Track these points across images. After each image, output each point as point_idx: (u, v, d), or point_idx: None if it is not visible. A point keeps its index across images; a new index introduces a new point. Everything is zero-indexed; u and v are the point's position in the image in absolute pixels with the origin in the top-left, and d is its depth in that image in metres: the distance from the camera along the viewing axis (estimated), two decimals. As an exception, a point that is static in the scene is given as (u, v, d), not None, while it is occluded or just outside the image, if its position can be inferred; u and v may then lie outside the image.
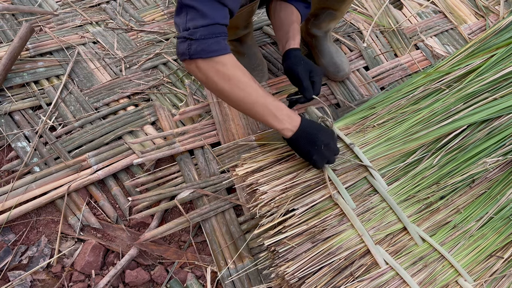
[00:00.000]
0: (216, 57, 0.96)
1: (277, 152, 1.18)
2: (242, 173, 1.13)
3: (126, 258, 1.17)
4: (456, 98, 1.29)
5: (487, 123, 1.25)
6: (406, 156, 1.19)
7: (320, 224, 1.04)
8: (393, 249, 1.04)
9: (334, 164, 1.13)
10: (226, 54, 0.97)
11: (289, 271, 0.96)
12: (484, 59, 1.39)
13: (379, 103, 1.33)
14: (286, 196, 1.08)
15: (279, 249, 1.00)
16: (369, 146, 1.20)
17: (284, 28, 1.25)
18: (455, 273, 1.02)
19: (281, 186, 1.09)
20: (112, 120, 1.46)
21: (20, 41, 1.54)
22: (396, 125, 1.25)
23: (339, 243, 1.02)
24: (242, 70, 1.00)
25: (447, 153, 1.20)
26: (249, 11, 1.30)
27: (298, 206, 1.06)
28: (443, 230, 1.09)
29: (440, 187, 1.15)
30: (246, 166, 1.14)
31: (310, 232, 1.03)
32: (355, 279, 0.97)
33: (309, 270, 0.97)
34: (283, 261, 0.99)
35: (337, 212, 1.07)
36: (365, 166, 1.15)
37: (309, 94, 1.16)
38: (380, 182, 1.13)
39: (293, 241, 1.01)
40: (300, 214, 1.05)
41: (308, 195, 1.09)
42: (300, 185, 1.10)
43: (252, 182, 1.11)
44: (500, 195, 1.15)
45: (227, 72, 0.98)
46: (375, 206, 1.10)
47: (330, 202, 1.09)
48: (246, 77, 1.01)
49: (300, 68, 1.17)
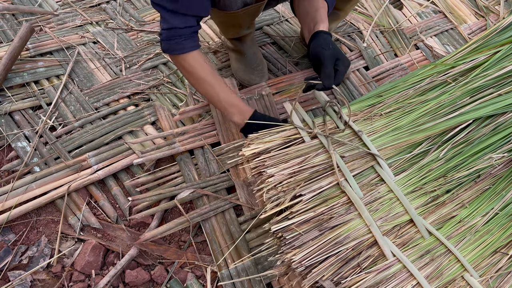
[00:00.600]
0: (178, 55, 1.16)
1: (285, 134, 1.14)
2: (248, 154, 1.08)
3: (126, 258, 1.17)
4: (462, 91, 1.28)
5: (492, 118, 1.25)
6: (413, 147, 1.18)
7: (328, 212, 1.01)
8: (400, 241, 1.02)
9: (342, 150, 1.11)
10: (186, 53, 1.15)
11: (296, 259, 0.93)
12: (489, 55, 1.39)
13: (387, 92, 1.31)
14: (294, 180, 1.04)
15: (286, 235, 0.96)
16: (377, 135, 1.18)
17: (311, 15, 1.23)
18: (461, 268, 1.01)
19: (289, 170, 1.05)
20: (112, 120, 1.46)
21: (20, 41, 1.54)
22: (403, 115, 1.23)
23: (347, 233, 0.99)
24: (202, 66, 1.18)
25: (453, 147, 1.19)
26: (255, 11, 1.30)
27: (305, 192, 1.03)
28: (449, 224, 1.07)
29: (447, 181, 1.13)
30: (253, 147, 1.09)
31: (317, 220, 1.00)
32: (362, 270, 0.95)
33: (316, 259, 0.94)
34: (290, 248, 0.96)
35: (344, 200, 1.04)
36: (373, 155, 1.12)
37: (329, 83, 1.11)
38: (388, 172, 1.11)
39: (300, 228, 0.98)
40: (307, 200, 1.02)
41: (316, 181, 1.05)
42: (308, 170, 1.06)
43: (258, 165, 1.07)
44: (505, 191, 1.14)
45: (188, 68, 1.18)
46: (382, 196, 1.07)
47: (337, 189, 1.05)
48: (204, 72, 1.18)
49: (328, 53, 1.12)
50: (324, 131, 1.13)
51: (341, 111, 1.18)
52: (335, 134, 1.15)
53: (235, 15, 1.27)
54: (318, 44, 1.15)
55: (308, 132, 1.14)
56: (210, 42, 1.74)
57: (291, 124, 1.16)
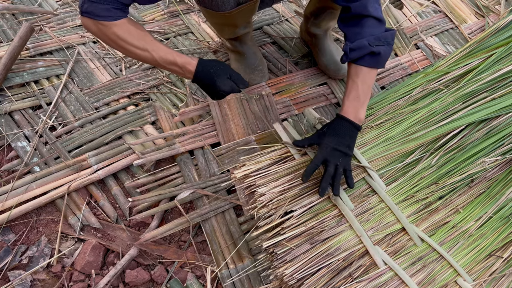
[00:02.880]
0: (102, 21, 1.03)
1: (275, 153, 1.18)
2: (240, 176, 1.13)
3: (126, 258, 1.18)
4: (455, 97, 1.29)
5: (486, 122, 1.25)
6: (405, 156, 1.20)
7: (319, 225, 1.04)
8: (392, 249, 1.04)
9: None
10: (113, 21, 1.03)
11: (287, 272, 0.96)
12: (483, 59, 1.39)
13: (377, 104, 1.33)
14: (284, 197, 1.08)
15: (277, 250, 1.00)
16: (367, 147, 1.20)
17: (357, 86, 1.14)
18: (454, 273, 1.02)
19: (279, 188, 1.09)
20: (112, 120, 1.46)
21: (20, 41, 1.54)
22: (394, 126, 1.25)
23: (338, 244, 1.02)
24: (130, 33, 1.06)
25: (445, 153, 1.20)
26: (249, 10, 1.29)
27: (296, 208, 1.06)
28: (442, 230, 1.09)
29: (439, 187, 1.15)
30: (244, 169, 1.14)
31: (308, 234, 1.03)
32: (354, 279, 0.97)
33: (308, 271, 0.97)
34: (282, 263, 0.99)
35: (335, 213, 1.07)
36: (363, 167, 1.15)
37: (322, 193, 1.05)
38: (379, 182, 1.13)
39: (291, 242, 1.01)
40: (298, 216, 1.05)
41: (306, 197, 1.08)
42: (298, 186, 1.10)
43: (250, 184, 1.11)
44: (499, 195, 1.15)
45: (111, 36, 1.06)
46: (373, 207, 1.10)
47: (328, 203, 1.09)
48: (135, 40, 1.07)
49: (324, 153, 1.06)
50: (315, 148, 1.15)
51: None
52: None
53: (229, 16, 1.25)
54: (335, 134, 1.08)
55: (298, 149, 1.17)
56: (210, 42, 1.74)
57: (281, 143, 1.19)
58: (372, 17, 1.13)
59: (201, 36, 1.77)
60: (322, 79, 1.61)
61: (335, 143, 1.07)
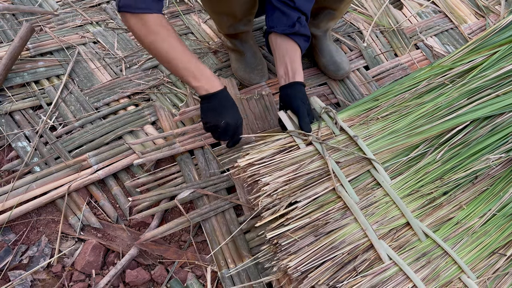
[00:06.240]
0: (141, 14, 1.04)
1: (280, 143, 1.15)
2: (244, 164, 1.10)
3: (127, 257, 1.18)
4: (460, 93, 1.28)
5: (490, 119, 1.25)
6: (410, 150, 1.18)
7: (323, 217, 1.02)
8: (397, 244, 1.02)
9: (337, 156, 1.12)
10: (151, 13, 1.05)
11: (291, 264, 0.94)
12: (487, 56, 1.39)
13: (383, 96, 1.31)
14: (289, 188, 1.05)
15: (281, 242, 0.98)
16: (373, 139, 1.18)
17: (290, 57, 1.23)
18: (458, 270, 1.01)
19: (284, 178, 1.07)
20: (112, 120, 1.46)
21: (20, 41, 1.54)
22: (399, 118, 1.23)
23: (342, 237, 1.00)
24: (167, 29, 1.08)
25: (450, 149, 1.19)
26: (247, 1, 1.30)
27: (300, 199, 1.04)
28: (446, 226, 1.08)
29: (443, 183, 1.13)
30: (248, 157, 1.11)
31: (313, 225, 1.01)
32: (358, 274, 0.95)
33: (312, 264, 0.95)
34: (286, 255, 0.97)
35: (340, 206, 1.05)
36: (369, 159, 1.13)
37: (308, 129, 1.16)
38: (384, 175, 1.12)
39: (295, 234, 0.99)
40: (302, 207, 1.03)
41: (311, 188, 1.06)
42: (303, 177, 1.08)
43: (254, 173, 1.08)
44: (503, 192, 1.14)
45: (151, 29, 1.06)
46: (378, 200, 1.08)
47: (333, 195, 1.07)
48: (171, 36, 1.08)
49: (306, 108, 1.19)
50: (320, 139, 1.14)
51: (336, 117, 1.18)
52: (330, 140, 1.15)
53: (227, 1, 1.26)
54: (298, 96, 1.20)
55: (303, 139, 1.16)
56: (210, 42, 1.74)
57: (286, 132, 1.17)
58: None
59: (201, 37, 1.77)
60: (322, 79, 1.61)
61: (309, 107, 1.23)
